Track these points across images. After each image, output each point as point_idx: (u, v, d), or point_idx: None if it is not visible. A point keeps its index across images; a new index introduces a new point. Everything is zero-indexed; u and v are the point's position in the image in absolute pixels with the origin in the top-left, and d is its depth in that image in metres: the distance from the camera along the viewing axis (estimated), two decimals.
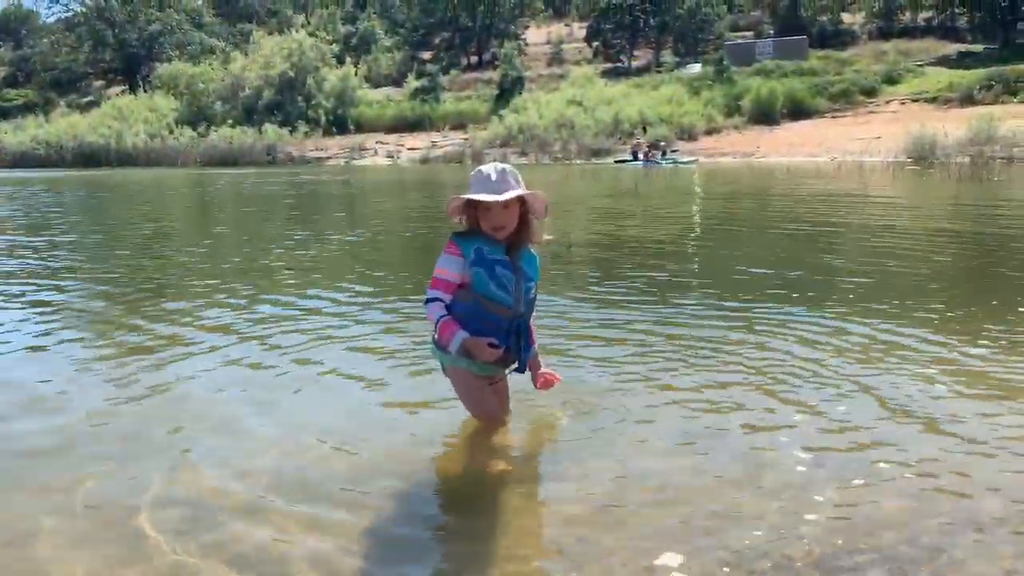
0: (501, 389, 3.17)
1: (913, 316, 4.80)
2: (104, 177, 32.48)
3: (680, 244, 8.89)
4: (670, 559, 2.18)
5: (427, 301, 2.94)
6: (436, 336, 2.96)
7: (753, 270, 6.77)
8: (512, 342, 2.95)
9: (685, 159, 31.32)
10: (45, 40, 76.45)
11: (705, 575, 2.11)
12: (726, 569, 2.13)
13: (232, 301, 5.78)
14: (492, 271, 2.88)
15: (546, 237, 3.08)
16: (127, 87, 63.10)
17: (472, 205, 2.88)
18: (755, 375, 3.73)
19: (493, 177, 2.85)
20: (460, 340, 2.87)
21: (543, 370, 3.14)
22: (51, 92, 67.53)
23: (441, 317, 2.89)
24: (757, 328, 4.57)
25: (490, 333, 2.89)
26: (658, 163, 30.70)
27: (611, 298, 5.62)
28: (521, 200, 2.89)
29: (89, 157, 46.59)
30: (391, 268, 7.74)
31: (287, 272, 7.24)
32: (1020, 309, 4.93)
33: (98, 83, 70.93)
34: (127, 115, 50.10)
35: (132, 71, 66.13)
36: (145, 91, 55.52)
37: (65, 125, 51.14)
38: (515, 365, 3.04)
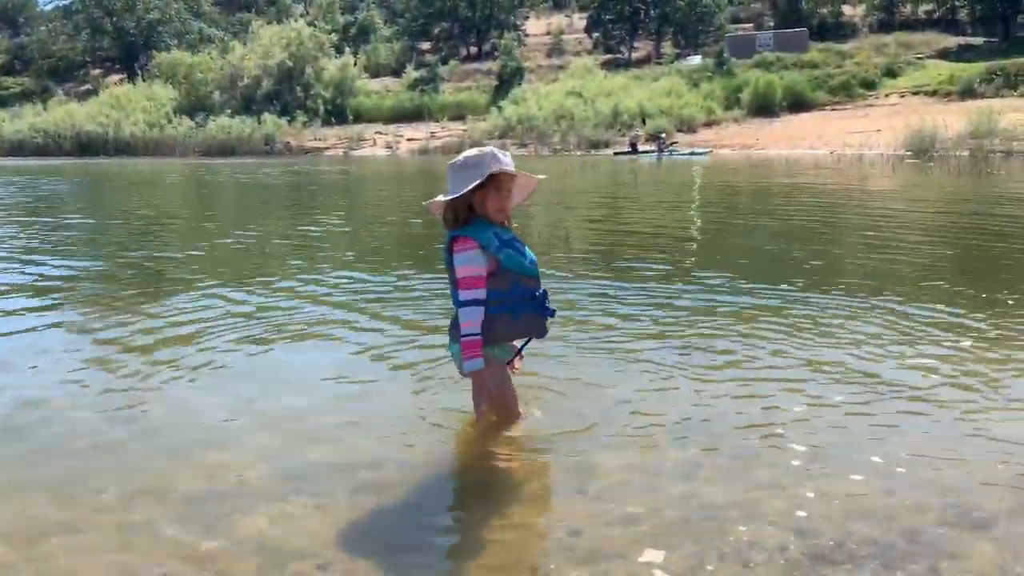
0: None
1: (909, 307, 4.81)
2: (103, 166, 32.39)
3: (678, 233, 8.89)
4: (667, 551, 2.19)
5: (465, 303, 2.78)
6: (460, 345, 2.81)
7: (750, 259, 6.77)
8: (544, 303, 2.90)
9: (701, 150, 31.14)
10: (43, 28, 76.09)
11: (700, 567, 2.12)
12: (721, 561, 2.14)
13: (232, 288, 5.78)
14: (515, 248, 2.85)
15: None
16: (125, 76, 62.83)
17: (481, 187, 2.76)
18: (750, 365, 3.73)
19: (505, 157, 2.81)
20: (478, 368, 2.78)
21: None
22: (49, 80, 67.25)
23: (474, 335, 2.76)
24: (752, 317, 4.57)
25: (533, 307, 2.86)
26: (670, 154, 30.51)
27: (606, 287, 5.62)
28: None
29: (86, 146, 46.46)
30: (391, 258, 7.73)
31: (288, 259, 7.23)
32: (1010, 301, 4.94)
33: (96, 72, 70.64)
34: (125, 104, 49.89)
35: (130, 60, 65.87)
36: (144, 80, 55.27)
37: (63, 113, 50.91)
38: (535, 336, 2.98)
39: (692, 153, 30.42)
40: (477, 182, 2.75)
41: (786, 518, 2.35)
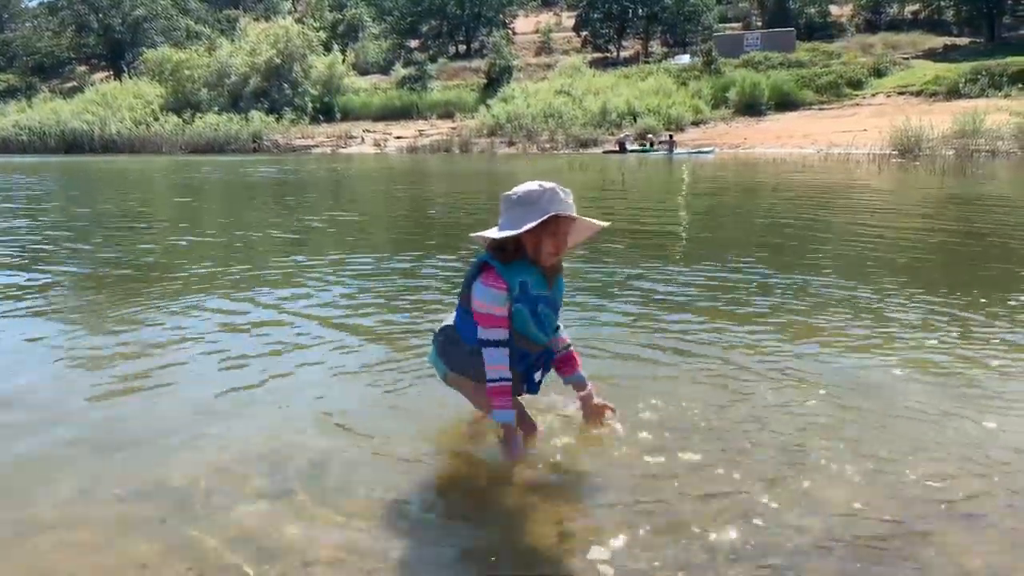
0: None
1: (883, 303, 4.84)
2: (89, 163, 32.15)
3: (669, 231, 8.92)
4: (650, 551, 2.21)
5: (487, 343, 2.60)
6: (488, 396, 2.63)
7: (731, 255, 6.80)
8: (531, 372, 2.80)
9: (706, 149, 31.26)
10: (27, 24, 75.45)
11: (683, 568, 2.13)
12: (708, 557, 2.15)
13: (229, 286, 5.76)
14: (535, 308, 2.65)
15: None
16: (112, 73, 62.38)
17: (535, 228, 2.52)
18: (721, 364, 3.75)
19: (566, 197, 2.56)
20: (508, 420, 2.63)
21: (596, 401, 2.94)
22: (33, 77, 66.70)
23: (501, 380, 2.60)
24: (723, 314, 4.60)
25: (520, 368, 2.73)
26: (672, 153, 30.66)
27: (596, 288, 5.63)
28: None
29: (72, 143, 46.15)
30: (388, 255, 7.71)
31: (279, 254, 7.20)
32: (983, 299, 4.99)
33: (82, 69, 70.10)
34: (111, 101, 49.55)
35: (117, 57, 65.41)
36: (130, 77, 54.87)
37: (48, 111, 50.51)
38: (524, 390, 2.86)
39: (698, 152, 30.57)
40: (532, 224, 2.50)
41: (768, 518, 2.36)
